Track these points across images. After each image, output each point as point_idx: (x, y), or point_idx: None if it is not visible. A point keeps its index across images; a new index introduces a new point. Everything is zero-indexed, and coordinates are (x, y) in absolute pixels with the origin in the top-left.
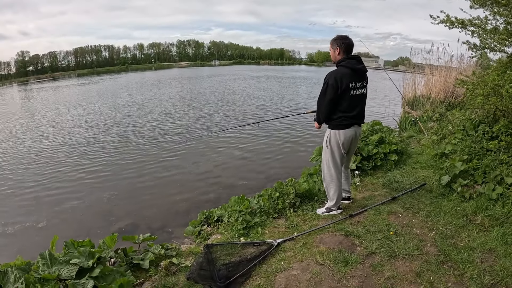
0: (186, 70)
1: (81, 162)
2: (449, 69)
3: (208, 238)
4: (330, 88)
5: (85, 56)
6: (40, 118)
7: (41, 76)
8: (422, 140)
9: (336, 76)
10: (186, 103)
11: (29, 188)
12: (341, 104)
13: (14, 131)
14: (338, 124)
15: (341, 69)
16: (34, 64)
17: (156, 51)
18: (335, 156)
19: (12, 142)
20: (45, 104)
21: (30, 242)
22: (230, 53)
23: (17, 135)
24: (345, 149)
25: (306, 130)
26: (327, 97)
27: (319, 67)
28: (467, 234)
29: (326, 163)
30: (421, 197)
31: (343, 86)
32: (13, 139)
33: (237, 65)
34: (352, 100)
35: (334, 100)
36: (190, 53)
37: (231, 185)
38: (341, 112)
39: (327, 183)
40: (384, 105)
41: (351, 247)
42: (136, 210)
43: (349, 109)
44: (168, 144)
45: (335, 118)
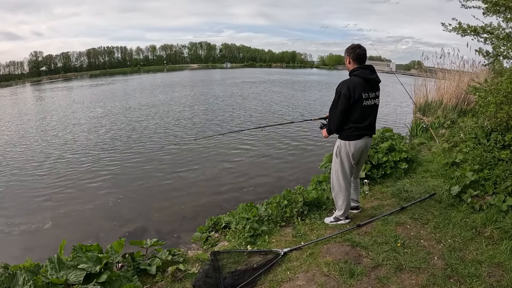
0: (198, 72)
1: (90, 164)
2: (461, 74)
3: (215, 244)
4: (342, 98)
5: (98, 57)
6: (51, 119)
7: (54, 76)
8: (433, 148)
9: (349, 85)
10: (198, 107)
11: (36, 189)
12: (353, 115)
13: (26, 131)
14: (348, 134)
15: (353, 79)
16: (47, 64)
17: (168, 53)
18: (345, 166)
19: (22, 143)
20: (57, 105)
21: (36, 243)
22: (241, 56)
23: (28, 136)
24: (354, 160)
25: (317, 136)
26: (340, 107)
27: (331, 70)
28: (476, 247)
29: (335, 173)
30: (430, 208)
31: (356, 96)
32: (24, 139)
33: (249, 68)
34: (364, 111)
35: (346, 110)
36: (202, 55)
37: (239, 190)
38: (352, 122)
39: (336, 193)
40: (395, 111)
41: (357, 258)
42: (144, 214)
43: (360, 120)
44: (178, 148)
45: (346, 128)
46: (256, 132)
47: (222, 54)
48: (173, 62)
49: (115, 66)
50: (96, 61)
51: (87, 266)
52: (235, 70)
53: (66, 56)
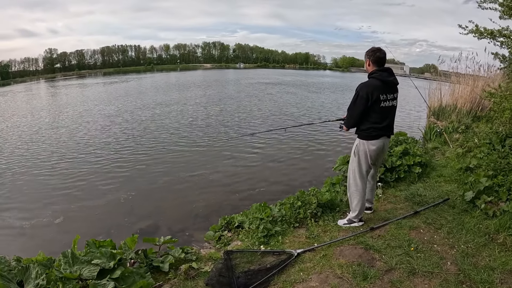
0: (212, 72)
1: (103, 162)
2: (476, 78)
3: (228, 243)
4: (360, 99)
5: (112, 55)
6: (66, 116)
7: (68, 73)
8: (447, 152)
9: (368, 88)
10: (213, 107)
11: (48, 184)
12: (371, 116)
13: (40, 127)
14: (367, 135)
15: (372, 81)
16: (62, 62)
17: (181, 52)
18: (362, 166)
19: (36, 138)
20: (72, 102)
21: (47, 238)
22: (255, 56)
23: (42, 131)
24: (372, 160)
25: (331, 138)
26: (358, 108)
27: (344, 73)
28: (489, 253)
29: (352, 173)
30: (443, 213)
31: (374, 98)
32: (38, 135)
33: (262, 69)
34: (382, 112)
35: (365, 111)
36: (215, 55)
37: (252, 190)
38: (371, 123)
39: (351, 193)
40: (409, 114)
41: (370, 261)
42: (156, 211)
43: (379, 121)
44: (192, 146)
45: (364, 129)
46: (270, 133)
47: (236, 55)
48: (186, 61)
49: (128, 64)
50: (110, 59)
51: (101, 261)
52: (249, 71)
53: (81, 54)
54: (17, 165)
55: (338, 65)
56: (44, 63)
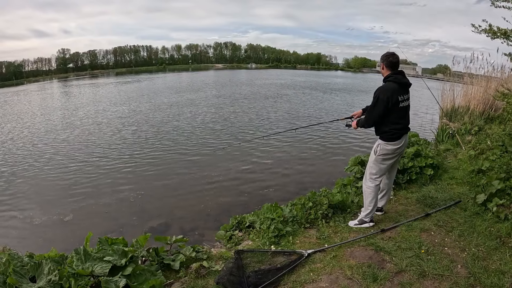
0: (224, 72)
1: (114, 160)
2: (489, 79)
3: (239, 243)
4: (381, 103)
5: (124, 56)
6: (79, 115)
7: (80, 73)
8: (459, 154)
9: (387, 92)
10: (227, 108)
11: (59, 182)
12: (391, 116)
13: (54, 126)
14: (389, 136)
15: (389, 84)
16: (74, 62)
17: (193, 53)
18: (381, 165)
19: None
20: (85, 102)
21: (56, 235)
22: (266, 57)
23: (56, 130)
24: (393, 159)
25: (343, 139)
26: (378, 111)
27: (356, 73)
28: (499, 257)
29: (369, 170)
30: (455, 215)
31: (393, 101)
32: (52, 133)
33: (274, 69)
34: (400, 112)
35: (382, 114)
36: (227, 55)
37: (263, 190)
38: (392, 123)
39: (367, 190)
40: (422, 116)
41: (381, 263)
42: (168, 210)
43: (398, 121)
44: (203, 147)
45: (386, 130)
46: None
47: (247, 55)
48: (198, 61)
49: (140, 64)
50: (122, 59)
51: (113, 259)
52: (261, 71)
53: (93, 54)
54: (29, 163)
55: (350, 65)
56: (57, 63)
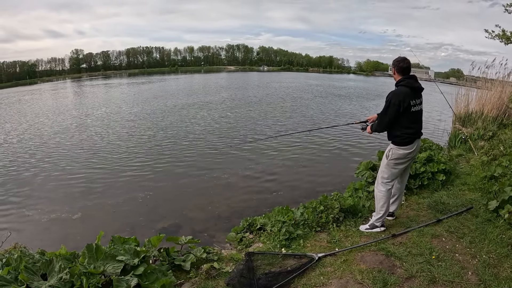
0: (236, 75)
1: (124, 160)
2: (504, 84)
3: (249, 245)
4: (393, 107)
5: (137, 57)
6: (93, 116)
7: (93, 73)
8: (471, 160)
9: (399, 96)
10: (240, 110)
11: (69, 181)
12: (403, 121)
13: (68, 126)
14: (401, 141)
15: (401, 89)
16: (88, 62)
17: (205, 54)
18: (393, 169)
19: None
20: (98, 102)
21: (68, 232)
22: (278, 59)
23: (68, 129)
24: (405, 164)
25: (355, 143)
26: (390, 115)
27: (368, 77)
28: (510, 264)
29: (381, 174)
30: (466, 222)
31: (405, 105)
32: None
33: (286, 72)
34: (412, 117)
35: (394, 118)
36: (239, 57)
37: (274, 193)
38: (404, 128)
39: (379, 194)
40: (434, 120)
41: (391, 268)
42: (179, 211)
43: (410, 125)
44: (216, 148)
45: (398, 135)
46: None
47: (259, 57)
48: (210, 63)
49: (153, 65)
50: (135, 60)
51: (125, 258)
52: (274, 74)
53: (106, 55)
54: (38, 162)
55: (362, 69)
56: (70, 63)
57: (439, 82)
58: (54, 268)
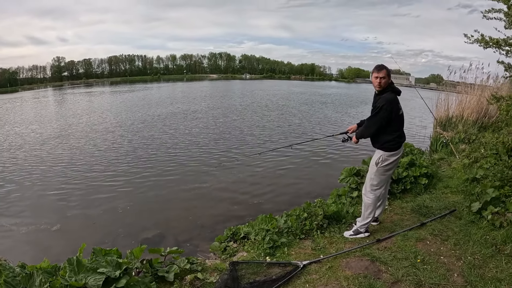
0: (219, 83)
1: (107, 171)
2: (483, 88)
3: (233, 254)
4: (384, 112)
5: (119, 65)
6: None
7: (75, 81)
8: (453, 163)
9: (392, 102)
10: (223, 120)
11: (47, 192)
12: (393, 126)
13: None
14: (390, 146)
15: (391, 95)
16: (69, 70)
17: (188, 63)
18: (383, 176)
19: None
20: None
21: (46, 245)
22: (261, 67)
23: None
24: (393, 169)
25: (337, 150)
26: (382, 120)
27: (350, 84)
28: (496, 265)
29: (370, 181)
30: (450, 224)
31: (395, 110)
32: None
33: (268, 80)
34: (400, 120)
35: (388, 123)
36: (221, 65)
37: (258, 201)
38: (395, 132)
39: (368, 201)
40: (416, 125)
41: (377, 273)
42: (162, 221)
43: (398, 130)
44: (198, 158)
45: (390, 139)
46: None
47: (242, 65)
48: (192, 71)
49: (135, 74)
50: (117, 69)
51: (107, 270)
52: (255, 82)
53: (88, 63)
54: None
55: (344, 76)
56: (52, 71)
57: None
58: (34, 282)
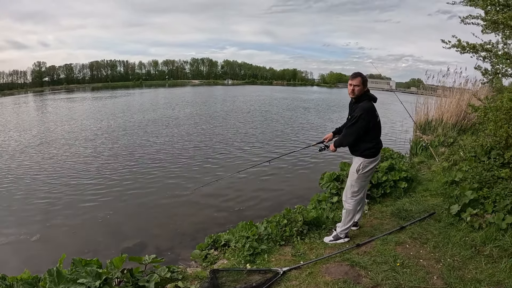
0: (201, 89)
1: (85, 180)
2: (462, 92)
3: (214, 262)
4: (362, 121)
5: (101, 70)
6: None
7: (56, 87)
8: (433, 166)
9: (370, 110)
10: (207, 125)
11: (27, 201)
12: (371, 135)
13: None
14: (370, 153)
15: (366, 104)
16: (50, 75)
17: (170, 68)
18: (363, 182)
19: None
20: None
21: (31, 255)
22: (243, 73)
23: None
24: (372, 174)
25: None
26: (361, 129)
27: (331, 88)
28: (475, 266)
29: (351, 189)
30: (429, 227)
31: (373, 119)
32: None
33: (250, 85)
34: (377, 129)
35: (366, 131)
36: (203, 71)
37: (239, 208)
38: (372, 141)
39: (349, 208)
40: (396, 129)
41: (356, 278)
42: (143, 230)
43: (376, 137)
44: (180, 166)
45: (370, 147)
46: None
47: (224, 71)
48: (174, 77)
49: (117, 79)
50: (99, 74)
51: (87, 281)
52: (238, 87)
53: (69, 68)
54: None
55: (326, 81)
56: (33, 76)
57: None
58: None
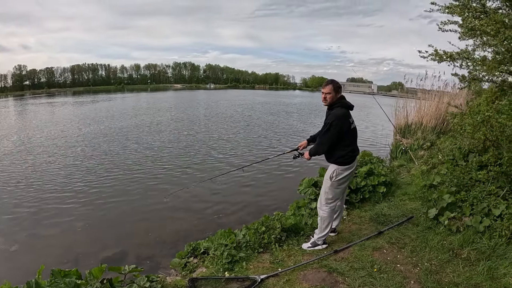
0: (183, 93)
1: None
2: (441, 95)
3: (194, 270)
4: (334, 128)
5: (82, 74)
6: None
7: (37, 91)
8: (412, 170)
9: (342, 117)
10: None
11: (2, 210)
12: (345, 140)
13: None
14: (344, 161)
15: (341, 110)
16: (31, 79)
17: (152, 72)
18: (338, 189)
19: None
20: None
21: (5, 266)
22: (225, 77)
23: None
24: (346, 182)
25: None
26: (333, 137)
27: (313, 92)
28: (453, 269)
29: (325, 196)
30: (407, 231)
31: (346, 125)
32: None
33: (232, 89)
34: (352, 134)
35: (339, 138)
36: (186, 75)
37: (219, 215)
38: (347, 147)
39: (324, 215)
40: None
41: (334, 284)
42: (123, 239)
43: (350, 144)
44: (159, 174)
45: (343, 154)
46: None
47: (206, 75)
48: (157, 81)
49: (98, 83)
50: (80, 78)
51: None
52: (220, 92)
53: (50, 72)
54: None
55: (308, 85)
56: (13, 79)
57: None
58: None
